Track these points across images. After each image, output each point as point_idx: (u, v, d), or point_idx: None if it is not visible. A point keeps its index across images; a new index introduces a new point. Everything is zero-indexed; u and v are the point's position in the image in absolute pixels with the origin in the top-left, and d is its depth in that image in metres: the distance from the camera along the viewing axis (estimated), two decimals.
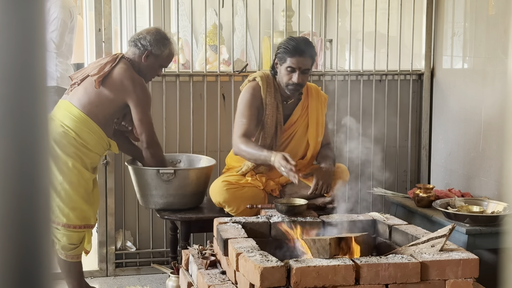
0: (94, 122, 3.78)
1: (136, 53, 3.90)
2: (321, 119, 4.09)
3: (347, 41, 5.05)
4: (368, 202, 4.79)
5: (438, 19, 4.86)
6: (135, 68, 3.88)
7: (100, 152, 3.90)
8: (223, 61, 6.50)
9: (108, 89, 3.80)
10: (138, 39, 3.90)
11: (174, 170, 3.95)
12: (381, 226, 3.51)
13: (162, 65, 3.99)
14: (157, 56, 3.90)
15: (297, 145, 4.04)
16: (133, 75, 3.84)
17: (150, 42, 3.87)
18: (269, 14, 4.90)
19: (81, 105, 3.78)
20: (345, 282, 2.78)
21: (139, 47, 3.89)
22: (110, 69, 3.81)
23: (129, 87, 3.80)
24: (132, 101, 3.80)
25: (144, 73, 3.92)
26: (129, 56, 3.91)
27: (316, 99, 4.10)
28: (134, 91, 3.79)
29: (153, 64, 3.92)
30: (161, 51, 3.90)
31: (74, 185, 3.73)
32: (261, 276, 2.70)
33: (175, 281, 3.86)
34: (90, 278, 4.43)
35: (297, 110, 4.05)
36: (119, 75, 3.81)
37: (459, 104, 4.64)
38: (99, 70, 3.81)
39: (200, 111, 4.59)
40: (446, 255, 2.94)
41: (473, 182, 4.47)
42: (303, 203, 3.64)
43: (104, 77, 3.80)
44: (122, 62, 3.87)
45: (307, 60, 3.86)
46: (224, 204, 3.91)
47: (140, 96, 3.81)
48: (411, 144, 5.02)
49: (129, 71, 3.84)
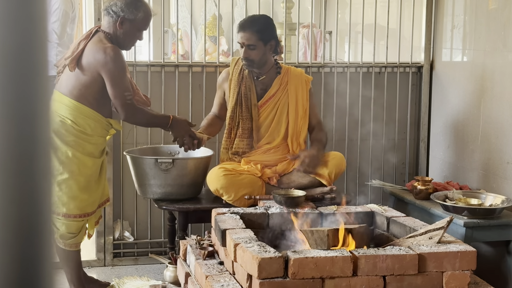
0: (86, 106, 3.68)
1: (110, 22, 3.72)
2: (301, 96, 4.13)
3: (347, 33, 5.05)
4: (366, 194, 4.80)
5: (438, 12, 4.86)
6: (112, 38, 3.72)
7: (102, 134, 3.80)
8: (222, 52, 6.50)
9: (85, 68, 3.65)
10: (110, 6, 3.72)
11: (172, 159, 3.95)
12: (379, 218, 3.51)
13: (140, 28, 3.77)
14: (132, 20, 3.71)
15: (278, 124, 4.11)
16: (103, 46, 3.64)
17: (122, 8, 3.69)
18: (268, 6, 4.89)
19: (68, 92, 3.68)
20: (342, 273, 2.78)
21: (112, 15, 3.71)
22: (84, 47, 3.67)
23: (100, 58, 3.62)
24: (104, 74, 3.63)
25: (122, 41, 3.74)
26: (104, 27, 3.74)
27: (297, 76, 4.16)
28: (105, 61, 3.61)
29: (130, 30, 3.73)
30: (134, 15, 3.71)
31: (74, 175, 3.71)
32: (259, 267, 2.70)
33: (173, 272, 3.87)
34: (88, 267, 4.43)
35: (275, 85, 4.13)
36: (90, 50, 3.66)
37: (458, 97, 4.64)
38: (72, 51, 3.68)
39: (199, 102, 4.59)
40: (444, 247, 2.94)
41: (471, 175, 4.47)
42: (301, 194, 3.64)
43: (79, 57, 3.66)
44: (96, 35, 3.71)
45: (248, 35, 3.99)
46: (222, 191, 3.91)
47: (112, 67, 3.61)
48: (409, 137, 5.02)
49: (99, 43, 3.66)
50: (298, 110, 4.11)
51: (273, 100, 4.09)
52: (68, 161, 3.68)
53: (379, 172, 4.94)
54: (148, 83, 4.50)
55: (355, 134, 4.86)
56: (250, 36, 3.97)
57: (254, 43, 3.98)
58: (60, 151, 3.67)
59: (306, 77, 4.20)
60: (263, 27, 4.03)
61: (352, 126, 4.84)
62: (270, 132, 4.10)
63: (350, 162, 4.63)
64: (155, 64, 4.55)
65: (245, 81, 4.09)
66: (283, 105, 4.10)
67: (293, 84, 4.13)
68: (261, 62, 4.05)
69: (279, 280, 2.73)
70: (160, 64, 4.53)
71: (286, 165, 4.08)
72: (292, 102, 4.11)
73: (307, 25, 6.11)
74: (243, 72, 4.10)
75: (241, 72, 4.10)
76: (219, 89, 4.21)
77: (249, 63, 4.02)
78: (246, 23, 4.03)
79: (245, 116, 4.07)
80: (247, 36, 3.98)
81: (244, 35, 3.98)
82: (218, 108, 4.22)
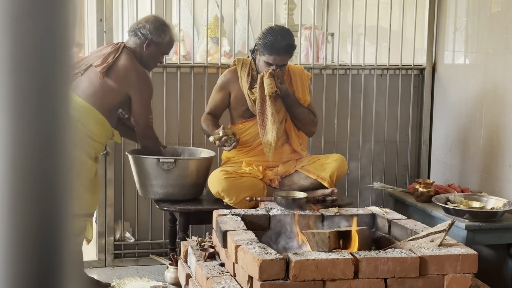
0: (99, 112, 3.77)
1: (137, 42, 3.88)
2: (302, 93, 4.14)
3: (349, 34, 5.04)
4: (367, 196, 4.79)
5: (440, 14, 4.85)
6: (137, 58, 3.87)
7: (104, 142, 3.90)
8: (224, 53, 6.49)
9: (113, 80, 3.79)
10: (138, 28, 3.89)
11: (175, 159, 3.95)
12: (381, 220, 3.50)
13: (164, 52, 3.97)
14: (158, 43, 3.88)
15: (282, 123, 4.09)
16: (137, 67, 3.83)
17: (150, 31, 3.86)
18: (271, 7, 4.88)
19: (86, 95, 3.76)
20: (343, 275, 2.77)
21: (140, 37, 3.87)
22: (114, 60, 3.80)
23: (134, 79, 3.79)
24: (134, 93, 3.81)
25: (146, 61, 3.90)
26: (130, 45, 3.89)
27: (299, 74, 4.17)
28: (138, 83, 3.79)
29: (154, 52, 3.90)
30: (161, 39, 3.88)
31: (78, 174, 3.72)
32: (260, 269, 2.70)
33: (174, 273, 3.86)
34: (89, 268, 4.43)
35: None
36: (124, 66, 3.80)
37: (460, 99, 4.63)
38: (103, 60, 3.79)
39: (200, 103, 4.58)
40: (445, 250, 2.93)
41: (473, 178, 4.47)
42: (303, 196, 3.63)
43: (108, 68, 3.78)
44: (125, 52, 3.85)
45: (284, 57, 3.95)
46: (223, 193, 3.91)
47: (143, 89, 3.82)
48: (411, 139, 5.01)
49: (134, 63, 3.83)
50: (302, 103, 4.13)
51: (278, 101, 4.08)
52: None
53: (381, 174, 4.94)
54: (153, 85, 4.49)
55: (357, 136, 4.85)
56: (286, 58, 3.96)
57: (286, 62, 3.99)
58: None
59: (307, 74, 4.21)
60: (294, 45, 4.01)
61: (354, 128, 4.83)
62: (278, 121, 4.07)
63: (351, 164, 4.63)
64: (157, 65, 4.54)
65: (255, 80, 4.05)
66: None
67: (295, 83, 4.12)
68: None
69: (280, 282, 2.72)
70: (162, 65, 4.53)
71: (288, 167, 4.08)
72: (298, 97, 4.11)
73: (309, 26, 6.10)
74: (252, 73, 4.07)
75: (249, 73, 4.07)
76: (223, 90, 4.13)
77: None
78: (284, 47, 3.91)
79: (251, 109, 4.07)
80: (284, 58, 3.94)
81: (280, 58, 3.92)
82: (217, 109, 4.15)
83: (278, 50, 3.90)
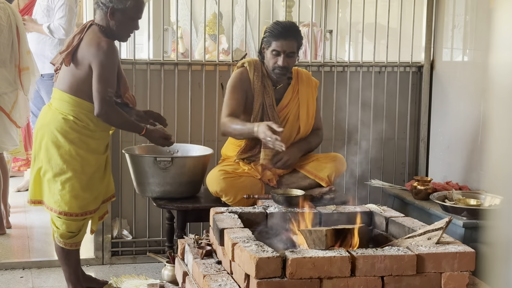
0: (86, 101, 3.65)
1: (101, 14, 3.67)
2: (311, 103, 4.11)
3: (347, 32, 5.03)
4: (365, 193, 4.78)
5: (439, 11, 4.84)
6: (107, 31, 3.66)
7: (105, 128, 3.78)
8: (222, 50, 6.48)
9: (80, 62, 3.62)
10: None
11: (171, 158, 3.94)
12: (378, 218, 3.50)
13: (133, 17, 3.69)
14: (122, 10, 3.64)
15: (290, 130, 4.05)
16: (98, 40, 3.60)
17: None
18: (269, 4, 4.87)
19: (67, 88, 3.66)
20: (340, 273, 2.77)
21: (102, 7, 3.66)
22: (79, 42, 3.64)
23: (93, 52, 3.58)
24: (93, 66, 3.58)
25: (117, 32, 3.69)
26: (98, 20, 3.69)
27: (307, 83, 4.12)
28: (97, 55, 3.57)
29: (122, 20, 3.66)
30: (123, 4, 3.63)
31: (78, 174, 3.70)
32: (256, 267, 2.69)
33: (171, 270, 3.86)
34: (86, 266, 4.43)
35: (288, 94, 4.07)
36: (85, 44, 3.62)
37: (458, 96, 4.62)
38: (67, 46, 3.65)
39: (198, 100, 4.57)
40: (443, 248, 2.93)
41: (471, 175, 4.46)
42: (300, 193, 3.63)
43: (75, 52, 3.63)
44: (91, 29, 3.66)
45: (291, 43, 3.90)
46: (221, 193, 3.90)
47: (101, 62, 3.56)
48: (409, 137, 5.01)
49: (95, 36, 3.62)
50: (308, 118, 4.08)
51: (286, 110, 4.06)
52: (71, 160, 3.67)
53: (379, 172, 4.93)
54: (148, 81, 4.49)
55: (355, 133, 4.85)
56: (293, 43, 3.91)
57: (294, 51, 3.93)
58: (63, 149, 3.66)
59: (315, 82, 4.17)
60: (300, 34, 3.99)
61: (352, 126, 4.83)
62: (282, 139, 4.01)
63: (349, 162, 4.62)
64: (155, 62, 4.54)
65: (268, 90, 3.99)
66: (294, 114, 4.06)
67: (304, 92, 4.08)
68: (291, 70, 4.03)
69: (276, 280, 2.72)
70: (160, 62, 4.52)
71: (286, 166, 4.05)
72: (303, 109, 4.06)
73: (307, 24, 6.10)
74: (264, 81, 4.00)
75: (262, 79, 4.00)
76: (242, 91, 3.98)
77: (285, 71, 3.95)
78: (288, 30, 3.91)
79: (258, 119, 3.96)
80: (290, 44, 3.89)
81: (286, 43, 3.88)
82: (240, 109, 3.97)
83: (285, 34, 3.88)
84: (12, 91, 4.83)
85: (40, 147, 3.71)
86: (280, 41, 3.88)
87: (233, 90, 3.99)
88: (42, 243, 4.90)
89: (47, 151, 3.68)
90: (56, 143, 3.66)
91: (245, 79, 4.00)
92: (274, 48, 3.90)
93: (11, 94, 4.82)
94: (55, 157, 3.67)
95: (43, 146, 3.69)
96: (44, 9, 5.67)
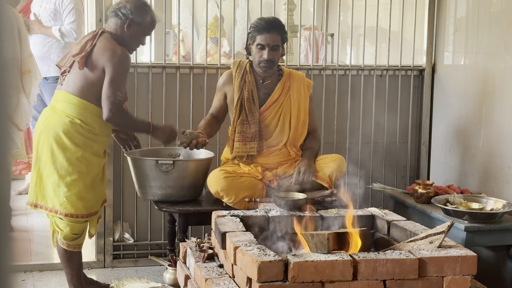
0: (94, 105, 3.70)
1: (117, 23, 3.77)
2: (303, 100, 4.14)
3: (349, 35, 5.04)
4: (367, 197, 4.78)
5: (440, 15, 4.85)
6: (118, 40, 3.75)
7: (107, 134, 3.83)
8: (224, 53, 6.49)
9: (93, 67, 3.69)
10: (118, 8, 3.78)
11: (173, 161, 3.94)
12: (380, 221, 3.50)
13: (145, 32, 3.84)
14: (139, 24, 3.78)
15: (282, 125, 4.10)
16: (114, 46, 3.70)
17: (131, 10, 3.76)
18: (270, 7, 4.88)
19: (76, 91, 3.70)
20: (342, 277, 2.77)
21: (120, 17, 3.76)
22: (92, 47, 3.71)
23: (107, 57, 3.66)
24: (107, 71, 3.66)
25: (128, 43, 3.79)
26: (111, 28, 3.78)
27: (298, 81, 4.17)
28: (111, 59, 3.65)
29: (136, 33, 3.79)
30: (142, 18, 3.78)
31: (83, 175, 3.71)
32: (258, 270, 2.69)
33: (173, 274, 3.86)
34: (88, 269, 4.43)
35: (278, 89, 4.12)
36: (99, 49, 3.69)
37: (460, 100, 4.62)
38: (81, 49, 3.70)
39: (200, 104, 4.58)
40: (444, 251, 2.93)
41: (472, 179, 4.46)
42: (302, 197, 3.63)
43: (88, 57, 3.69)
44: (103, 36, 3.75)
45: (275, 36, 3.99)
46: (222, 193, 3.91)
47: (114, 67, 3.64)
48: (411, 140, 5.01)
49: (109, 43, 3.71)
50: (300, 115, 4.12)
51: (276, 105, 4.09)
52: (77, 162, 3.69)
53: (380, 175, 4.93)
54: (149, 84, 4.49)
55: (356, 137, 4.85)
56: (276, 37, 3.99)
57: (278, 43, 4.01)
58: (69, 151, 3.67)
59: (308, 81, 4.21)
60: (284, 28, 4.09)
61: (354, 129, 4.83)
62: (274, 136, 4.09)
63: (350, 165, 4.62)
64: (156, 66, 4.54)
65: (247, 85, 4.07)
66: (286, 110, 4.10)
67: (295, 89, 4.12)
68: (277, 64, 4.08)
69: (278, 283, 2.72)
70: (161, 65, 4.53)
71: (287, 168, 4.07)
72: (295, 107, 4.11)
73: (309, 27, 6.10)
74: (246, 76, 4.08)
75: (243, 76, 4.09)
76: (220, 92, 4.18)
77: (271, 64, 4.02)
78: (271, 24, 4.01)
79: (250, 120, 4.05)
80: (273, 37, 3.98)
81: (269, 36, 3.97)
82: (217, 110, 4.20)
83: (268, 28, 3.98)
84: (14, 94, 4.83)
85: (43, 149, 3.71)
86: (264, 34, 3.97)
87: (216, 91, 4.21)
88: (43, 246, 4.90)
89: (52, 154, 3.69)
90: (62, 146, 3.68)
91: (227, 79, 4.14)
92: (259, 42, 3.99)
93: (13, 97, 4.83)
94: (61, 159, 3.68)
95: (46, 148, 3.70)
96: (51, 12, 5.68)
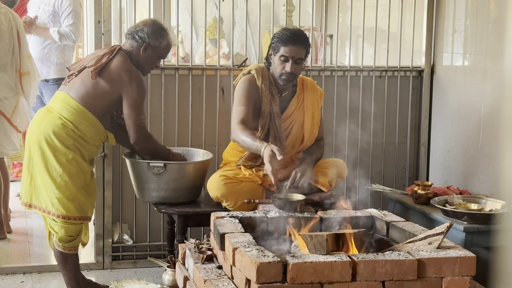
0: (92, 114, 3.75)
1: (134, 45, 3.87)
2: (316, 113, 4.09)
3: (348, 36, 5.04)
4: (366, 198, 4.78)
5: (439, 16, 4.85)
6: (133, 61, 3.85)
7: (98, 144, 3.87)
8: (223, 55, 6.49)
9: (105, 80, 3.76)
10: (136, 31, 3.87)
11: (164, 163, 3.92)
12: (379, 222, 3.50)
13: (161, 56, 3.95)
14: (155, 47, 3.87)
15: (294, 138, 4.03)
16: (130, 68, 3.80)
17: (148, 34, 3.84)
18: (269, 9, 4.88)
19: (78, 96, 3.76)
20: (341, 278, 2.76)
21: (137, 40, 3.86)
22: (108, 61, 3.78)
23: (126, 80, 3.76)
24: (125, 94, 3.76)
25: (143, 65, 3.88)
26: (127, 48, 3.88)
27: (312, 92, 4.09)
28: (129, 84, 3.76)
29: (151, 56, 3.89)
30: (159, 43, 3.87)
31: (73, 177, 3.73)
32: (257, 271, 2.69)
33: (172, 275, 3.86)
34: (87, 270, 4.42)
35: (293, 103, 4.04)
36: (117, 67, 3.78)
37: (459, 101, 4.63)
38: (96, 61, 3.78)
39: (199, 105, 4.57)
40: (443, 252, 2.93)
41: (471, 180, 4.46)
42: (301, 198, 3.62)
43: (101, 69, 3.77)
44: (120, 54, 3.84)
45: (300, 49, 3.87)
46: (222, 198, 3.90)
47: (134, 91, 3.76)
48: (410, 141, 5.01)
49: (127, 64, 3.81)
50: (313, 128, 4.06)
51: (291, 119, 4.02)
52: (67, 164, 3.70)
53: (379, 176, 4.93)
54: (148, 85, 4.49)
55: (355, 138, 4.85)
56: (301, 50, 3.87)
57: (302, 56, 3.90)
58: (60, 152, 3.69)
59: (320, 91, 4.15)
60: (309, 41, 3.97)
61: (353, 130, 4.83)
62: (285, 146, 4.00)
63: (350, 166, 4.62)
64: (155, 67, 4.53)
65: (274, 97, 3.96)
66: (299, 124, 4.03)
67: (309, 101, 4.06)
68: (297, 77, 3.99)
69: (277, 284, 2.71)
70: (160, 67, 4.52)
71: (287, 172, 4.05)
72: (308, 121, 4.03)
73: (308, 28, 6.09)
74: (271, 88, 3.97)
75: (270, 87, 3.96)
76: (251, 98, 3.92)
77: (292, 78, 3.91)
78: (297, 36, 3.87)
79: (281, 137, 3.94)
80: (299, 50, 3.86)
81: (295, 48, 3.84)
82: (249, 115, 3.91)
83: (294, 40, 3.84)
84: (13, 95, 4.84)
85: (35, 149, 3.73)
86: (289, 46, 3.85)
87: (244, 95, 3.93)
88: (42, 247, 4.90)
89: (43, 154, 3.70)
90: (52, 146, 3.70)
91: (253, 86, 3.95)
92: (283, 54, 3.86)
93: (12, 98, 4.84)
94: (51, 160, 3.69)
95: (38, 148, 3.71)
96: (49, 14, 5.68)
